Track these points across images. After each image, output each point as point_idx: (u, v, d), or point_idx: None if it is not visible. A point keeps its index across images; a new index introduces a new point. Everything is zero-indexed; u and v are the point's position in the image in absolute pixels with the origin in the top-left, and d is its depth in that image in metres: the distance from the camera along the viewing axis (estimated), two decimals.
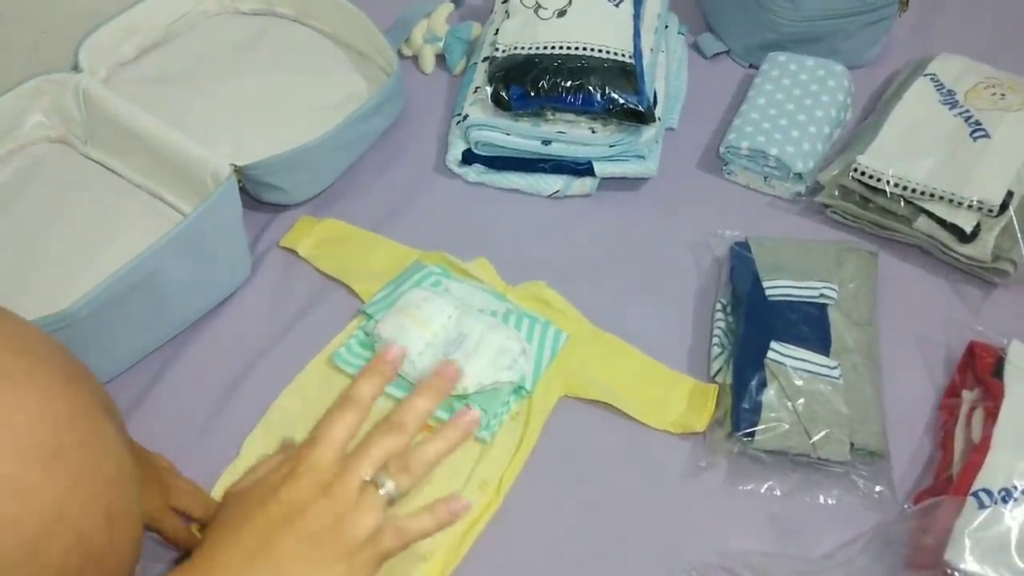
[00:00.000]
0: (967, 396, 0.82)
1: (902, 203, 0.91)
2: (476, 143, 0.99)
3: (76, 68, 1.00)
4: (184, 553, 0.72)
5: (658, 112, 0.97)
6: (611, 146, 0.96)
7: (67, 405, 0.39)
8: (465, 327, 0.83)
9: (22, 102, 0.97)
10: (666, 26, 1.07)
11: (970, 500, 0.71)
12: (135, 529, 0.43)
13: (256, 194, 0.97)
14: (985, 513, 0.70)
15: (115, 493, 0.40)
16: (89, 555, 0.39)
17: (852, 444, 0.77)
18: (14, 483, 0.36)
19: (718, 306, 0.90)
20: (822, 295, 0.86)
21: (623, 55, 0.95)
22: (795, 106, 1.00)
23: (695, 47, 1.15)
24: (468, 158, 1.01)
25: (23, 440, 0.37)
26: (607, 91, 0.92)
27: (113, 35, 1.04)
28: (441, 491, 0.77)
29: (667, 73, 1.04)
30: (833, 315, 0.85)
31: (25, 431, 0.37)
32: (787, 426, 0.78)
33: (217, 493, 0.78)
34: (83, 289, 0.77)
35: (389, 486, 0.55)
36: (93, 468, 0.39)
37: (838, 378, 0.80)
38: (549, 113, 0.96)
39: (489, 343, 0.81)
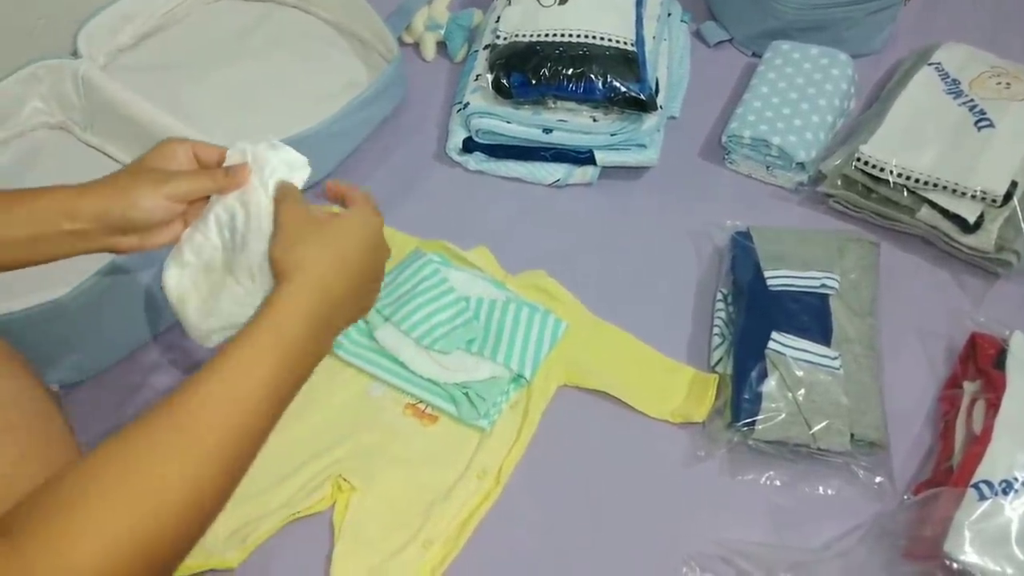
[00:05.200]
0: (968, 387, 0.81)
1: (905, 193, 0.90)
2: (477, 131, 0.98)
3: (75, 54, 0.99)
4: None
5: (660, 100, 0.96)
6: (612, 135, 0.95)
7: (10, 385, 0.42)
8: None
9: (20, 88, 0.97)
10: (669, 14, 1.07)
11: (970, 491, 0.71)
12: None
13: None
14: (985, 505, 0.70)
15: (60, 464, 0.43)
16: None
17: (852, 435, 0.77)
18: None
19: (719, 296, 0.89)
20: (823, 285, 0.85)
21: (625, 43, 0.95)
22: (798, 95, 0.99)
23: (698, 35, 1.15)
24: (469, 146, 1.00)
25: None
26: (609, 79, 0.92)
27: (112, 21, 1.04)
28: (439, 478, 0.78)
29: (669, 61, 1.04)
30: (834, 305, 0.84)
31: None
32: (787, 416, 0.77)
33: None
34: (79, 278, 0.77)
35: None
36: (39, 444, 0.43)
37: (839, 369, 0.80)
38: (550, 101, 0.96)
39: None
